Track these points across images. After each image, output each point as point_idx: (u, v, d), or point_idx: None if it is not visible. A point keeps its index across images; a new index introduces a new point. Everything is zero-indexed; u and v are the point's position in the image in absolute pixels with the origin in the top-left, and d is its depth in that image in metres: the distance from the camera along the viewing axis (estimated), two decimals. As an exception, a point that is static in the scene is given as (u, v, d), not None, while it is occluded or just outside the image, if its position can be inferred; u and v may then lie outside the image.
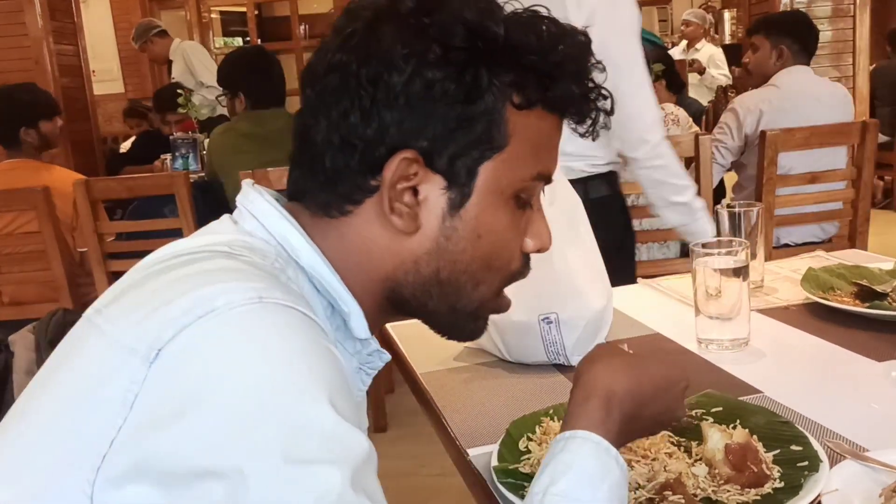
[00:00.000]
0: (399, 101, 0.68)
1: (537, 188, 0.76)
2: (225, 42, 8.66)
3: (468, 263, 0.73)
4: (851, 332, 1.20)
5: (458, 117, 0.69)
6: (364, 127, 0.69)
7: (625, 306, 1.38)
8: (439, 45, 0.68)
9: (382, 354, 0.78)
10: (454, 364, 1.24)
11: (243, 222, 0.74)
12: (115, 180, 3.15)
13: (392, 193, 0.70)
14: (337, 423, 0.57)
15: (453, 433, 1.00)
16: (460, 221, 0.72)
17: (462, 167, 0.70)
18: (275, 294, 0.61)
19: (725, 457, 0.80)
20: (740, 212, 1.41)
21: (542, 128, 0.74)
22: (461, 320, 0.78)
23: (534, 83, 0.71)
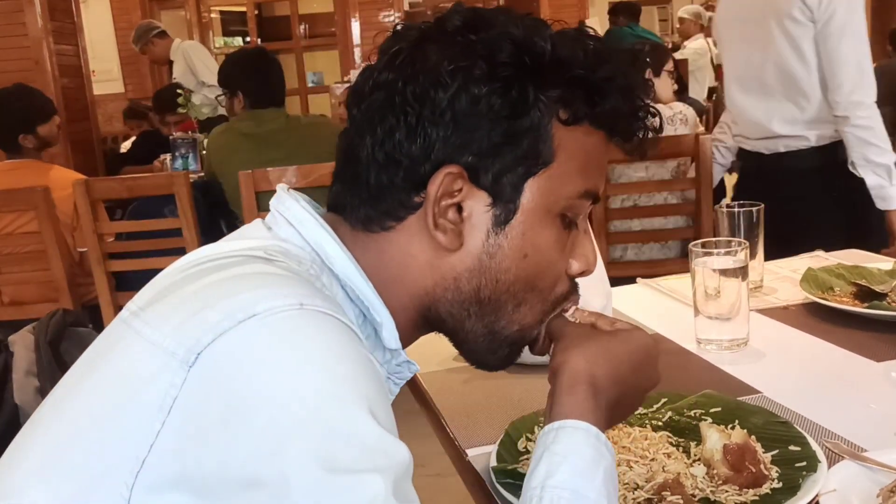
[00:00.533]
0: (445, 117, 0.68)
1: (584, 207, 0.75)
2: (225, 42, 8.66)
3: (511, 283, 0.72)
4: (850, 333, 1.20)
5: (504, 133, 0.69)
6: (409, 144, 0.69)
7: (624, 306, 1.38)
8: (485, 61, 0.68)
9: (411, 365, 0.77)
10: (453, 364, 1.23)
11: (277, 228, 0.73)
12: (115, 180, 3.15)
13: (436, 209, 0.70)
14: (379, 431, 0.57)
15: (452, 434, 1.00)
16: (505, 239, 0.71)
17: (507, 183, 0.70)
18: (315, 301, 0.61)
19: (724, 457, 0.80)
20: (740, 211, 1.41)
21: (589, 144, 0.73)
22: (496, 345, 0.76)
23: (581, 98, 0.70)
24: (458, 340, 0.77)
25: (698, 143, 2.73)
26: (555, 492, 0.64)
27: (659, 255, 2.98)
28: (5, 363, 1.15)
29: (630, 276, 1.66)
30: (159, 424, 0.57)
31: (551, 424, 0.69)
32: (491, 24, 0.70)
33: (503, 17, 0.71)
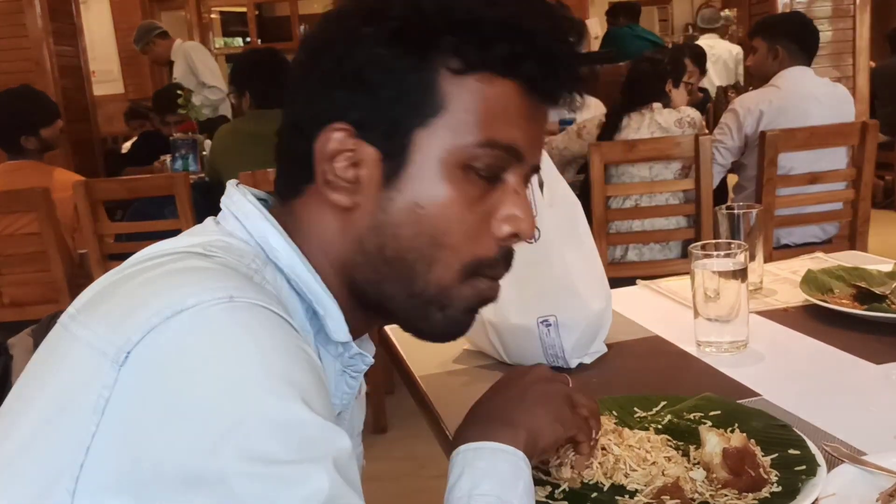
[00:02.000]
0: (333, 77, 0.70)
1: (498, 160, 0.70)
2: (225, 42, 8.66)
3: (412, 239, 0.70)
4: (850, 335, 1.20)
5: (385, 86, 0.68)
6: (305, 107, 0.72)
7: (624, 308, 1.38)
8: (374, 17, 0.69)
9: (364, 357, 0.77)
10: (453, 367, 1.24)
11: (225, 223, 0.73)
12: (116, 181, 3.15)
13: (326, 167, 0.70)
14: (314, 419, 0.57)
15: (451, 437, 1.00)
16: (397, 192, 0.69)
17: (395, 136, 0.69)
18: (247, 293, 0.61)
19: (723, 461, 0.80)
20: (739, 213, 1.41)
21: (490, 93, 0.69)
22: (423, 309, 0.72)
23: (471, 45, 0.68)
24: (388, 312, 0.75)
25: (698, 144, 2.73)
26: (482, 499, 0.69)
27: (660, 255, 2.98)
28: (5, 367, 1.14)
29: (630, 277, 1.66)
30: (94, 427, 0.57)
31: (467, 445, 0.74)
32: None
33: None
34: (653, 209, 2.92)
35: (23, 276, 2.85)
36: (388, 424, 3.07)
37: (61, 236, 2.77)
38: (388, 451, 2.92)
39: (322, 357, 0.74)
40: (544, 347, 1.17)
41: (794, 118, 2.87)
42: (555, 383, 0.83)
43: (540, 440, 0.77)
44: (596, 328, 1.20)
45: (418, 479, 2.70)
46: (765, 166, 2.77)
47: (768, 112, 2.91)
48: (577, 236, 1.22)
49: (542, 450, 0.78)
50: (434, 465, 2.75)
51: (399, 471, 2.76)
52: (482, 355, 1.25)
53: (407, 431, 3.01)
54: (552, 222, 1.18)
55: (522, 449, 0.74)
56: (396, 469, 2.77)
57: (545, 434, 0.77)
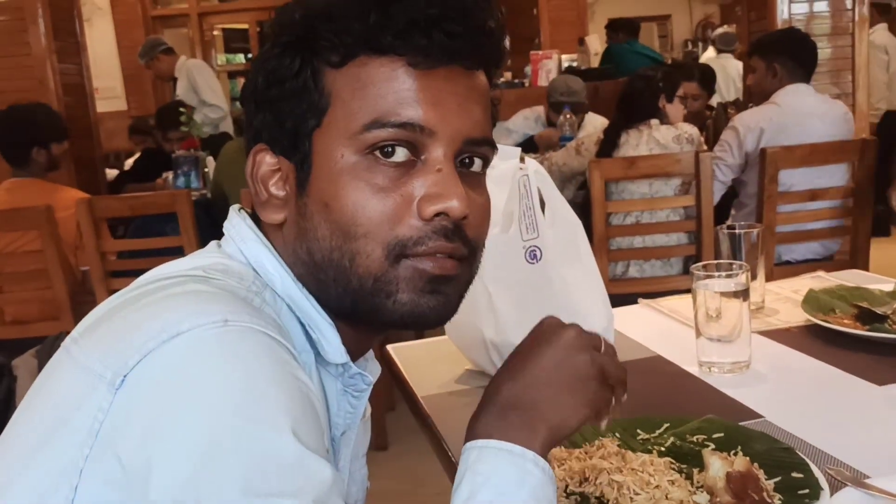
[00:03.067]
0: (250, 101, 0.74)
1: (397, 136, 0.68)
2: (227, 59, 8.69)
3: (330, 238, 0.69)
4: (852, 355, 1.20)
5: (276, 99, 0.72)
6: (248, 134, 0.76)
7: (626, 328, 1.38)
8: (272, 45, 0.73)
9: (365, 377, 0.77)
10: (455, 387, 1.24)
11: (226, 247, 0.75)
12: (118, 199, 3.16)
13: (259, 188, 0.74)
14: (299, 452, 0.57)
15: (454, 458, 1.00)
16: (308, 197, 0.71)
17: (299, 143, 0.71)
18: (241, 317, 0.61)
19: (726, 485, 0.80)
20: (740, 233, 1.41)
21: (368, 76, 0.69)
22: (374, 302, 0.70)
23: (334, 34, 0.69)
24: (357, 317, 0.73)
25: (698, 161, 2.74)
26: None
27: (661, 271, 2.98)
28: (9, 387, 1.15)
29: (632, 294, 1.67)
30: (88, 449, 0.58)
31: (474, 443, 0.69)
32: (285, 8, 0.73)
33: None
34: (654, 226, 2.92)
35: (25, 294, 2.85)
36: (389, 441, 3.06)
37: (63, 254, 2.78)
38: (388, 468, 2.91)
39: (323, 377, 0.74)
40: (546, 368, 1.17)
41: (795, 135, 2.88)
42: (584, 354, 0.73)
43: (563, 431, 0.71)
44: (598, 348, 1.20)
45: (417, 496, 2.69)
46: (765, 183, 2.77)
47: (769, 129, 2.92)
48: (579, 256, 1.23)
49: (567, 437, 0.72)
50: (434, 483, 2.74)
51: (398, 488, 2.75)
52: (484, 375, 1.25)
53: (407, 448, 3.00)
54: (553, 242, 1.18)
55: (538, 448, 0.68)
56: (396, 487, 2.76)
57: (569, 423, 0.71)
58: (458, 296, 0.74)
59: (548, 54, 5.50)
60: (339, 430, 0.77)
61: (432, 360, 1.35)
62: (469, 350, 1.27)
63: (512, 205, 1.17)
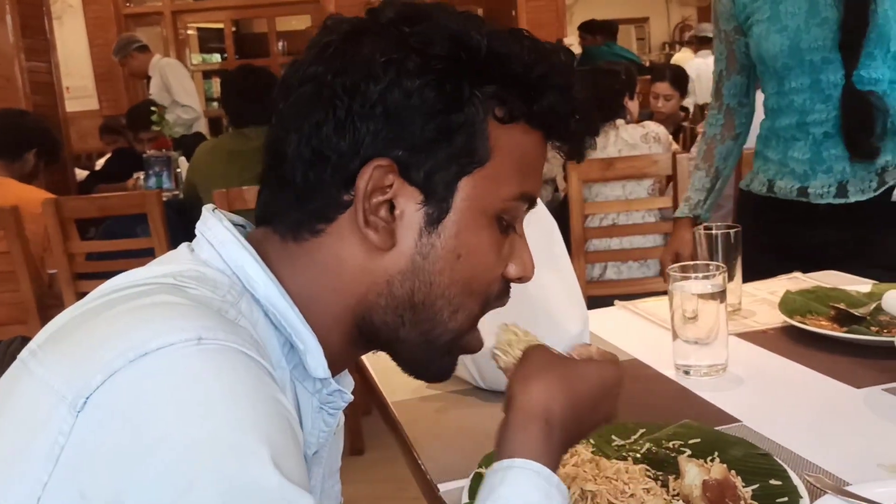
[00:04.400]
0: (375, 110, 0.65)
1: (520, 211, 0.73)
2: (203, 59, 8.61)
3: (446, 287, 0.69)
4: (830, 358, 1.18)
5: (437, 128, 0.66)
6: (338, 138, 0.66)
7: (601, 330, 1.36)
8: (419, 54, 0.66)
9: (344, 394, 0.73)
10: (427, 392, 1.20)
11: (200, 251, 0.69)
12: (86, 199, 3.11)
13: (367, 205, 0.67)
14: (279, 482, 0.53)
15: (424, 467, 0.97)
16: (438, 239, 0.68)
17: (440, 181, 0.67)
18: (217, 334, 0.57)
19: (703, 493, 0.78)
20: (717, 233, 1.40)
21: (526, 145, 0.71)
22: (433, 353, 0.73)
23: (517, 95, 0.68)
24: (394, 352, 0.74)
25: (675, 163, 2.73)
26: None
27: (638, 273, 2.97)
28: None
29: (610, 296, 1.65)
30: (46, 476, 0.53)
31: (500, 463, 0.66)
32: (426, 17, 0.68)
33: (438, 10, 0.69)
34: (630, 227, 2.91)
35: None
36: (366, 446, 3.03)
37: (30, 256, 2.72)
38: (366, 473, 2.88)
39: (298, 393, 0.70)
40: (520, 372, 1.14)
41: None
42: (616, 400, 0.76)
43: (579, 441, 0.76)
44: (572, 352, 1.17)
45: (397, 501, 2.66)
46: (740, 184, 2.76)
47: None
48: (554, 258, 1.20)
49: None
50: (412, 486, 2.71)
51: (378, 493, 2.71)
52: (456, 380, 1.22)
53: (385, 453, 2.96)
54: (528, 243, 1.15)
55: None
56: (375, 491, 2.73)
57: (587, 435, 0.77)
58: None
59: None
60: (312, 448, 0.74)
61: (404, 364, 1.31)
62: (442, 354, 1.24)
63: (485, 205, 1.15)
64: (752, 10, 1.76)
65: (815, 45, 1.64)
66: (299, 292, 0.68)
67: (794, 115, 1.73)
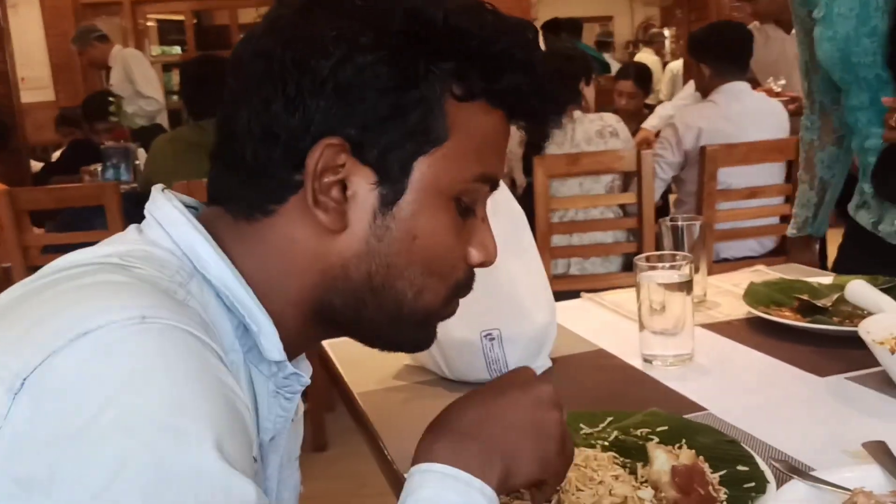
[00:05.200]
0: (326, 86, 0.63)
1: (481, 193, 0.71)
2: (163, 51, 8.46)
3: (405, 268, 0.67)
4: (794, 347, 1.19)
5: (390, 105, 0.64)
6: (288, 115, 0.64)
7: (568, 321, 1.35)
8: (373, 28, 0.63)
9: (300, 378, 0.71)
10: (393, 383, 1.19)
11: (149, 231, 0.67)
12: (42, 190, 3.03)
13: (317, 185, 0.64)
14: (220, 468, 0.52)
15: (390, 457, 0.96)
16: (393, 220, 0.66)
17: (395, 161, 0.65)
18: (161, 313, 0.55)
19: (672, 479, 0.77)
20: (683, 226, 1.40)
21: (486, 124, 0.68)
22: (404, 329, 0.71)
23: (477, 72, 0.66)
24: (361, 334, 0.73)
25: (640, 159, 2.75)
26: None
27: (601, 269, 2.98)
28: None
29: (574, 290, 1.64)
30: None
31: (418, 466, 0.65)
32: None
33: None
34: (594, 223, 2.92)
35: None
36: (328, 442, 3.00)
37: (-18, 248, 2.64)
38: (328, 469, 2.85)
39: (254, 377, 0.68)
40: (488, 362, 1.14)
41: (731, 134, 2.90)
42: (555, 412, 0.71)
43: (513, 478, 0.67)
44: (541, 342, 1.17)
45: (358, 497, 2.64)
46: (705, 181, 2.80)
47: (707, 129, 2.95)
48: (522, 247, 1.19)
49: (511, 488, 0.69)
50: (374, 483, 2.69)
51: (338, 489, 2.69)
52: (423, 371, 1.21)
53: (347, 449, 2.94)
54: (496, 232, 1.14)
55: (494, 482, 0.64)
56: (336, 488, 2.71)
57: (522, 471, 0.68)
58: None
59: (490, 52, 5.48)
60: (269, 434, 0.71)
61: (369, 355, 1.28)
62: (408, 344, 1.22)
63: (452, 193, 1.13)
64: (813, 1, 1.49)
65: (865, 59, 1.39)
66: (252, 273, 0.66)
67: (859, 137, 1.50)
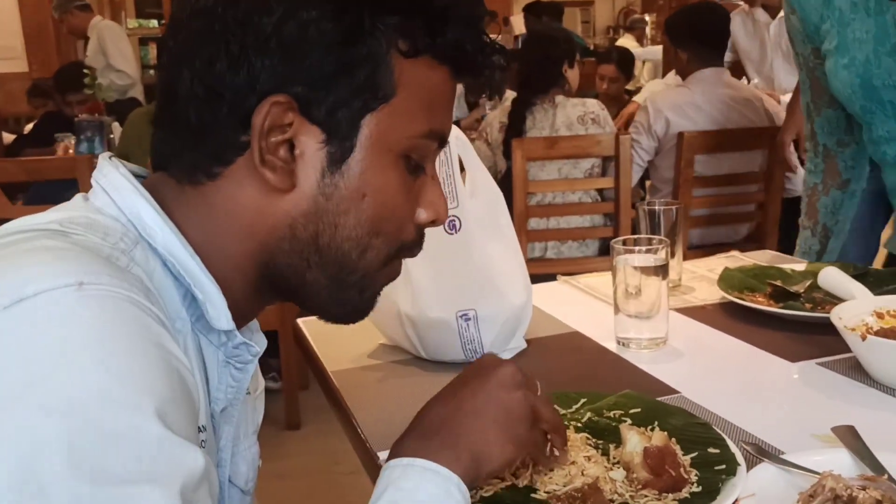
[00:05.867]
0: (270, 44, 0.62)
1: (430, 150, 0.70)
2: (139, 23, 8.32)
3: (352, 228, 0.67)
4: (766, 333, 1.20)
5: (337, 62, 0.63)
6: (232, 74, 0.63)
7: (544, 303, 1.36)
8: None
9: (251, 347, 0.70)
10: (367, 362, 1.19)
11: (94, 199, 0.66)
12: (13, 162, 2.99)
13: (264, 144, 0.64)
14: (161, 435, 0.51)
15: (364, 435, 0.95)
16: (342, 179, 0.66)
17: (343, 118, 0.64)
18: (101, 279, 0.54)
19: (644, 460, 0.78)
20: (660, 210, 1.40)
21: (432, 80, 0.68)
22: (344, 293, 0.71)
23: (421, 28, 0.66)
24: (303, 297, 0.72)
25: (618, 143, 2.75)
26: None
27: (577, 253, 3.00)
28: None
29: (550, 274, 1.65)
30: None
31: (398, 460, 0.66)
32: None
33: None
34: (571, 206, 2.93)
35: None
36: (302, 420, 3.00)
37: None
38: (301, 447, 2.85)
39: (203, 347, 0.68)
40: (463, 342, 1.13)
41: (699, 124, 2.89)
42: (517, 392, 0.72)
43: (486, 464, 0.68)
44: (516, 323, 1.17)
45: (331, 475, 2.64)
46: (682, 167, 2.81)
47: (674, 120, 2.92)
48: (499, 228, 1.19)
49: (490, 473, 0.70)
50: (348, 461, 2.70)
51: (311, 467, 2.70)
52: (398, 350, 1.21)
53: (320, 427, 2.94)
54: (473, 213, 1.14)
55: (461, 473, 0.66)
56: (309, 465, 2.71)
57: (493, 457, 0.69)
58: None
59: (471, 33, 5.45)
60: (220, 405, 0.71)
61: (344, 334, 1.27)
62: (383, 324, 1.22)
63: (431, 173, 1.13)
64: (823, 33, 1.40)
65: (889, 81, 1.30)
66: (198, 239, 0.66)
67: (891, 170, 1.41)
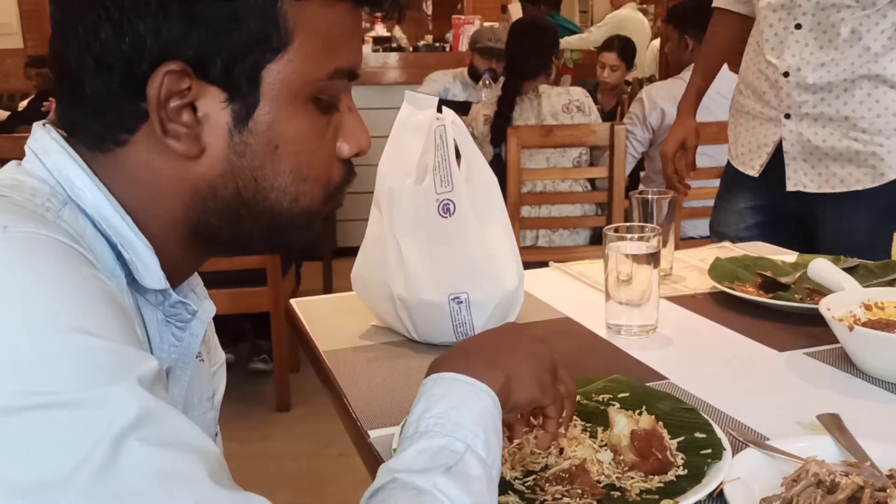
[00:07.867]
0: (150, 6, 0.60)
1: (340, 88, 0.69)
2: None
3: (273, 179, 0.66)
4: (755, 322, 1.21)
5: (223, 17, 0.61)
6: (118, 42, 0.61)
7: (536, 289, 1.37)
8: None
9: (188, 306, 0.71)
10: (359, 342, 1.19)
11: (25, 163, 0.66)
12: (7, 139, 2.96)
13: (163, 114, 0.62)
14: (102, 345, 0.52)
15: (355, 414, 0.96)
16: (251, 135, 0.65)
17: (241, 74, 0.63)
18: (27, 226, 0.55)
19: (631, 443, 0.79)
20: (653, 199, 1.41)
21: (331, 18, 0.66)
22: (289, 234, 0.71)
23: None
24: (245, 245, 0.73)
25: (613, 133, 2.76)
26: (430, 420, 0.66)
27: (569, 241, 3.01)
28: None
29: (541, 262, 1.65)
30: None
31: (437, 374, 0.71)
32: None
33: None
34: (564, 195, 2.93)
35: None
36: (292, 402, 3.01)
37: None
38: (291, 429, 2.86)
39: (141, 306, 0.68)
40: (454, 325, 1.14)
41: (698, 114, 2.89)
42: (547, 346, 0.78)
43: (515, 393, 0.72)
44: (507, 307, 1.18)
45: (321, 457, 2.65)
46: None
47: (669, 112, 2.93)
48: (493, 213, 1.20)
49: (514, 406, 0.73)
50: (338, 443, 2.72)
51: (301, 449, 2.71)
52: (390, 332, 1.22)
53: (310, 409, 2.95)
54: (468, 197, 1.14)
55: (497, 391, 0.69)
56: (298, 447, 2.72)
57: (523, 389, 0.73)
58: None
59: (469, 20, 5.44)
60: (164, 363, 0.71)
61: (337, 315, 1.30)
62: (376, 306, 1.22)
63: (427, 157, 1.13)
64: None
65: None
66: (123, 201, 0.66)
67: None
